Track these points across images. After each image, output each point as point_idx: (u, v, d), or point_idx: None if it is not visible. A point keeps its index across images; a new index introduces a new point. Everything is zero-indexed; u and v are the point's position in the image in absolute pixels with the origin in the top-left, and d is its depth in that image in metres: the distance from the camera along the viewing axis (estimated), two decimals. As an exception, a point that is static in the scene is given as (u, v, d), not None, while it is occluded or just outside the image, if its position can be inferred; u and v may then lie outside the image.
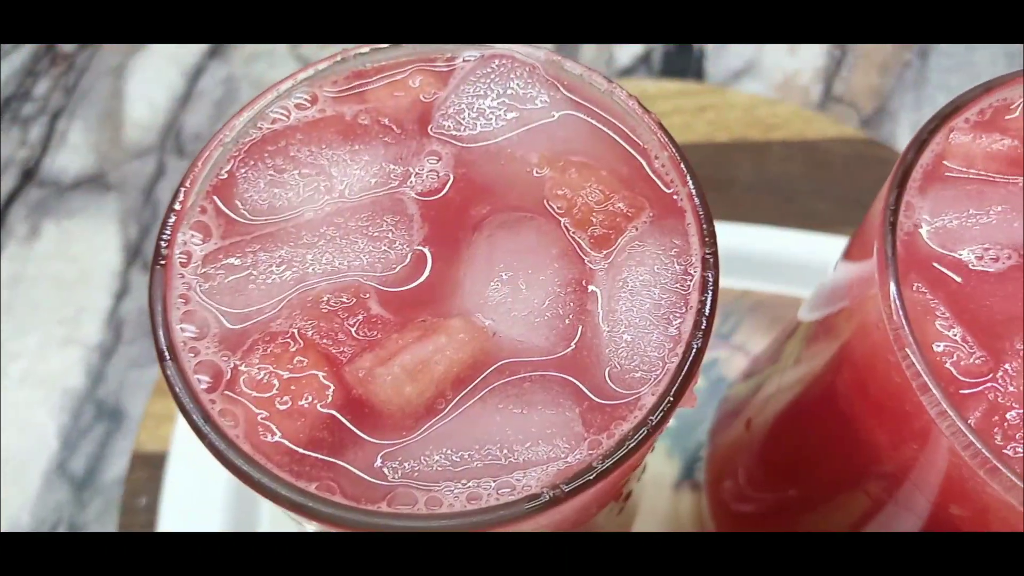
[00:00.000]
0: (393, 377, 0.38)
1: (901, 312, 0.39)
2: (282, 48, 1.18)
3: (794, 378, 0.54)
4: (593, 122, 0.45)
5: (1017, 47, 1.14)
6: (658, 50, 1.16)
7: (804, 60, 1.15)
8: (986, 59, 1.16)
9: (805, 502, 0.55)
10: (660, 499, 0.84)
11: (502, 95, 0.45)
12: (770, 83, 1.14)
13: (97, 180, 1.09)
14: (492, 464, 0.37)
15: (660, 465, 0.85)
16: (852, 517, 0.50)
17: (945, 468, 0.39)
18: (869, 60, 1.15)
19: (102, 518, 0.90)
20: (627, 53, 1.17)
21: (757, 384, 0.63)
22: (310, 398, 0.39)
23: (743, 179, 0.97)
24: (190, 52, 1.19)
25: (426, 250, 0.42)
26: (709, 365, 0.88)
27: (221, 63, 1.18)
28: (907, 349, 0.38)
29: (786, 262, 0.89)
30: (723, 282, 0.91)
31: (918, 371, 0.38)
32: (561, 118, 0.45)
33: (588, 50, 1.17)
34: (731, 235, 0.92)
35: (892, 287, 0.40)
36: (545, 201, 0.43)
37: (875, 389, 0.43)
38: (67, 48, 1.18)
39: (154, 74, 1.18)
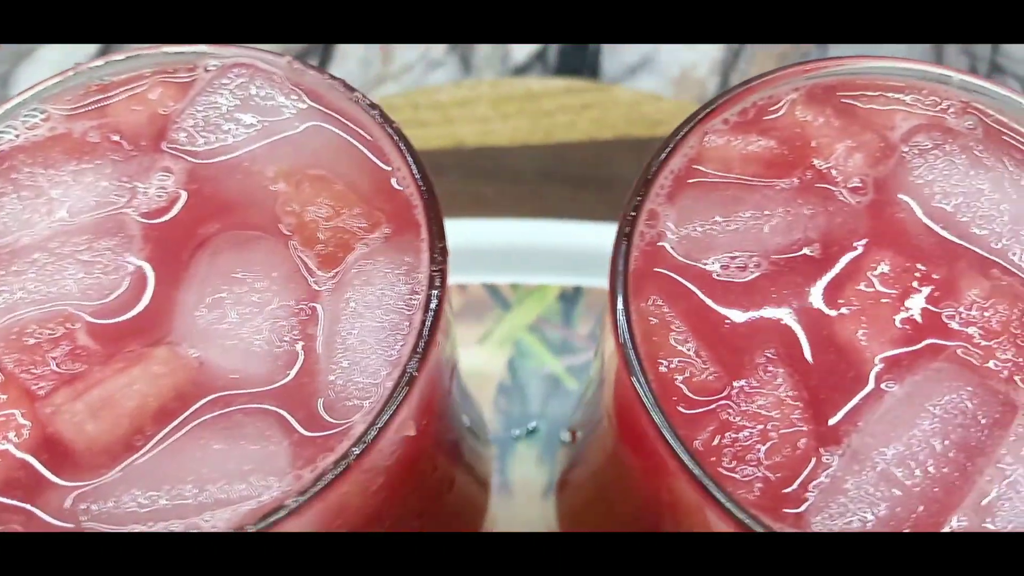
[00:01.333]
0: (74, 415, 0.36)
1: (626, 328, 0.37)
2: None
3: (591, 378, 0.52)
4: (338, 132, 0.43)
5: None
6: (554, 46, 1.14)
7: (701, 53, 1.13)
8: (887, 49, 1.14)
9: (602, 513, 0.53)
10: (531, 508, 0.82)
11: (241, 106, 0.43)
12: (666, 77, 1.11)
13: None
14: (181, 505, 0.35)
15: (530, 472, 0.82)
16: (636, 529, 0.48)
17: (680, 494, 0.37)
18: (767, 52, 1.13)
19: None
20: (523, 50, 1.14)
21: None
22: (7, 437, 0.36)
23: (625, 177, 0.95)
24: (78, 59, 1.16)
25: (146, 274, 0.40)
26: (582, 368, 0.86)
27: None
28: (630, 370, 0.36)
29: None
30: (602, 285, 0.90)
31: (636, 391, 0.36)
32: (305, 129, 0.43)
33: (483, 47, 1.15)
34: (610, 236, 0.90)
35: (619, 302, 0.38)
36: (277, 218, 0.41)
37: (621, 404, 0.41)
38: (-51, 59, 1.15)
39: (41, 83, 1.15)
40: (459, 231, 0.93)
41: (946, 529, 0.36)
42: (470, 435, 0.62)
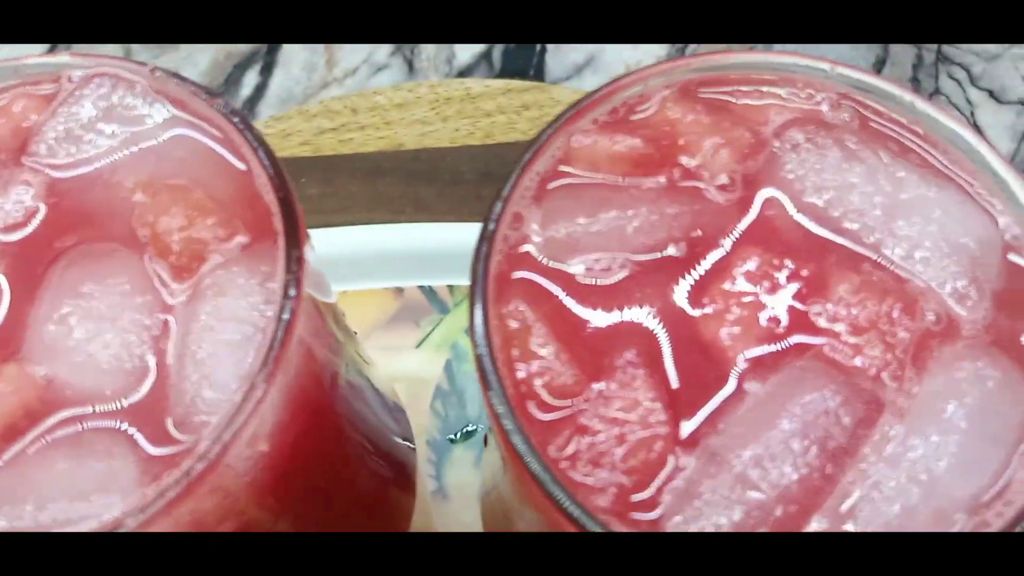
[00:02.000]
0: (-89, 437, 0.35)
1: (482, 337, 0.36)
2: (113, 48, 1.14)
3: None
4: (202, 140, 0.42)
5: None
6: (499, 46, 1.13)
7: (646, 51, 1.12)
8: (830, 48, 1.14)
9: (503, 518, 0.52)
10: (467, 512, 0.81)
11: (103, 116, 0.42)
12: (611, 76, 1.10)
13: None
14: (18, 525, 0.34)
15: (467, 476, 0.82)
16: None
17: (538, 503, 0.37)
18: (712, 47, 1.13)
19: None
20: (467, 51, 1.14)
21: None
22: None
23: (564, 177, 0.94)
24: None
25: (1, 290, 0.39)
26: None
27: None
28: (485, 382, 0.35)
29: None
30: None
31: (490, 401, 0.35)
32: (169, 138, 0.42)
33: (428, 47, 1.14)
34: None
35: (478, 308, 0.37)
36: (134, 230, 0.40)
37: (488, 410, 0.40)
38: None
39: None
40: (397, 234, 0.93)
41: (806, 531, 0.35)
42: (384, 442, 0.61)
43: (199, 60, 1.12)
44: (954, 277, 0.39)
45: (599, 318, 0.38)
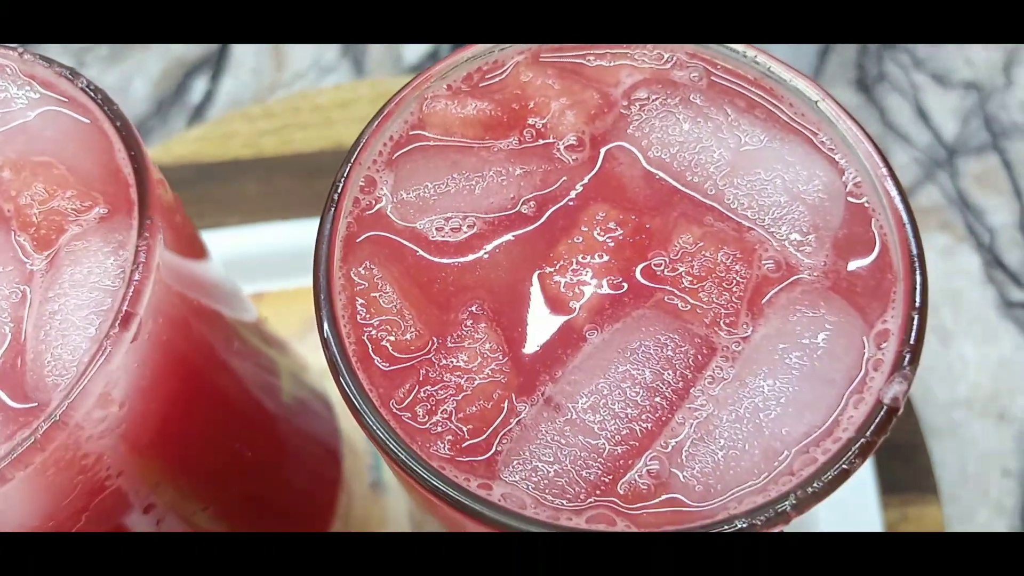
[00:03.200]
0: None
1: (323, 297, 0.37)
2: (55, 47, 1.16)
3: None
4: (68, 118, 0.44)
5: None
6: (445, 46, 1.14)
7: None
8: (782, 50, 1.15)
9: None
10: (405, 502, 0.82)
11: (-26, 99, 0.44)
12: (555, 69, 1.12)
13: None
14: None
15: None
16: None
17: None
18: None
19: None
20: (415, 50, 1.15)
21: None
22: None
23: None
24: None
25: None
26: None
27: None
28: (326, 354, 0.36)
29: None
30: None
31: (329, 357, 0.36)
32: (38, 116, 0.44)
33: (375, 48, 1.16)
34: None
35: (321, 271, 0.38)
36: (0, 205, 0.41)
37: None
38: None
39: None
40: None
41: (636, 470, 0.36)
42: (301, 436, 0.62)
43: (150, 69, 1.13)
44: (794, 225, 0.40)
45: (447, 274, 0.39)
